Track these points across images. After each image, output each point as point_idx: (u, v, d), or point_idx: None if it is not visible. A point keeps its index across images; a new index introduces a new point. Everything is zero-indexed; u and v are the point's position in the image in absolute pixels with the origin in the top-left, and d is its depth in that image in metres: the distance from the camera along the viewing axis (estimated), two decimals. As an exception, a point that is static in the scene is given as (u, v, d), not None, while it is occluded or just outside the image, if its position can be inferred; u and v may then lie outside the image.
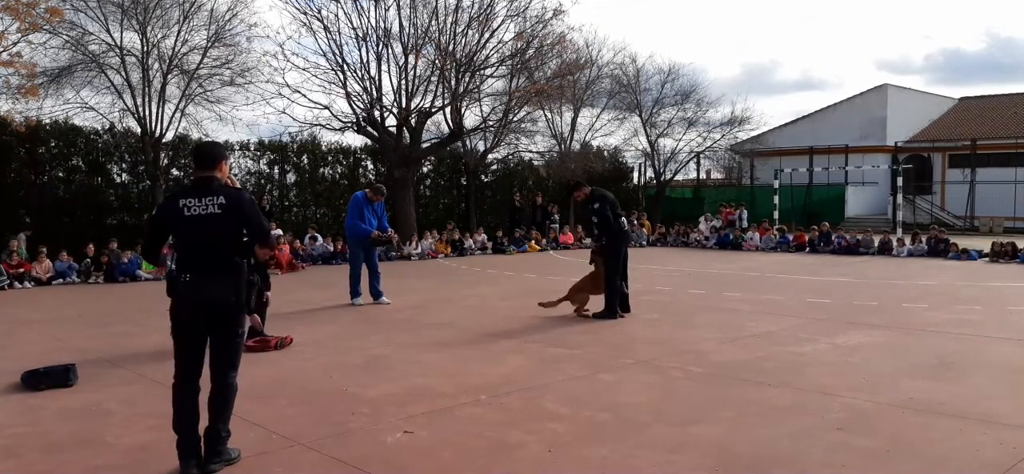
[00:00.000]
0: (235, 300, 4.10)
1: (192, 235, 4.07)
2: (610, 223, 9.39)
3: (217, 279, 4.06)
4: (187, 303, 4.08)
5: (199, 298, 4.06)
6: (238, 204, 4.12)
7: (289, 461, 4.32)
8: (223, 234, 4.09)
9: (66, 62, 17.91)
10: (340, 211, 23.91)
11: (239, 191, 4.23)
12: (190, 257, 4.10)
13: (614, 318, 9.14)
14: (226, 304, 4.07)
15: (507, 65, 23.02)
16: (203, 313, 4.08)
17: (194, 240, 4.08)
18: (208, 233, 4.06)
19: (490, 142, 25.46)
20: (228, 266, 4.09)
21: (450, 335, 8.33)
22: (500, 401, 5.51)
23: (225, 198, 4.10)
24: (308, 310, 10.60)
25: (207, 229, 4.05)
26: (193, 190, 4.14)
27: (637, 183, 33.61)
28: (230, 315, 4.12)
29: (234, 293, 4.08)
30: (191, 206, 4.06)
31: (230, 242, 4.12)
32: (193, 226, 4.05)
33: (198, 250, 4.09)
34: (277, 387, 6.00)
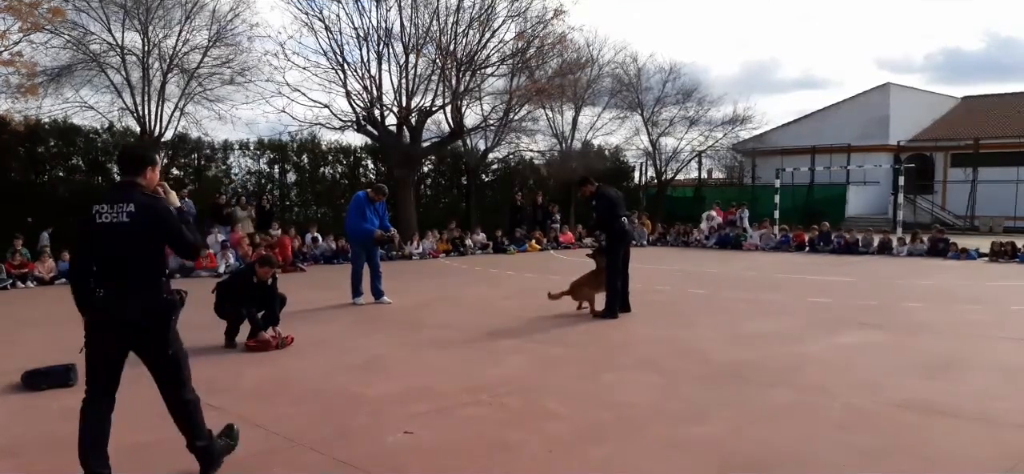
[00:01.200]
0: (147, 320, 3.75)
1: (102, 245, 3.72)
2: (610, 222, 9.39)
3: (129, 295, 3.71)
4: (100, 319, 3.75)
5: (111, 315, 3.73)
6: (149, 213, 3.72)
7: (290, 461, 4.32)
8: (132, 246, 3.70)
9: (66, 61, 17.91)
10: (341, 211, 23.90)
11: (153, 199, 3.81)
12: (101, 269, 3.76)
13: (614, 318, 9.14)
14: (139, 323, 3.75)
15: (508, 64, 23.03)
16: (116, 331, 3.76)
17: (104, 251, 3.73)
18: (117, 244, 3.69)
19: (491, 141, 25.46)
20: (140, 282, 3.74)
21: (451, 335, 8.34)
22: (501, 401, 5.51)
23: (135, 206, 3.70)
24: (309, 310, 10.59)
25: (115, 240, 3.69)
26: (107, 195, 3.80)
27: (638, 182, 33.60)
28: (150, 335, 3.80)
29: (144, 313, 3.74)
30: (103, 213, 3.71)
31: (142, 255, 3.74)
32: (103, 235, 3.70)
33: (108, 262, 3.74)
34: (278, 387, 6.01)
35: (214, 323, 7.95)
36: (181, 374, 4.00)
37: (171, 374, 3.96)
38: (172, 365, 3.94)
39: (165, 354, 3.88)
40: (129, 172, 3.87)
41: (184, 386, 4.01)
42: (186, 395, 4.01)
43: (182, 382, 4.00)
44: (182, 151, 20.95)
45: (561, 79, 24.43)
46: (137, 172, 3.85)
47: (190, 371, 4.06)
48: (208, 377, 6.28)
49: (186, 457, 4.39)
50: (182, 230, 3.81)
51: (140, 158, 3.91)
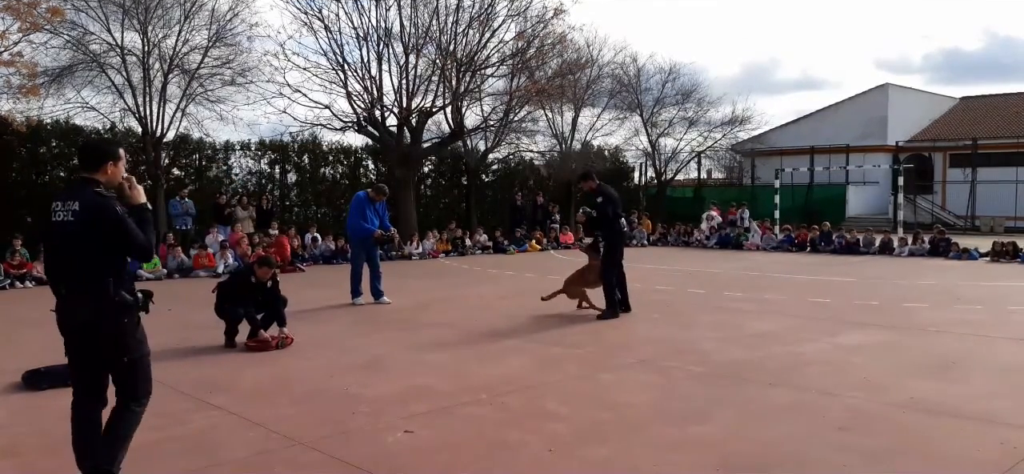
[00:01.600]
0: (99, 323, 3.58)
1: (55, 244, 3.62)
2: (611, 222, 9.40)
3: (78, 298, 3.58)
4: (59, 321, 3.66)
5: (66, 317, 3.63)
6: (95, 213, 3.52)
7: (290, 460, 4.32)
8: (78, 246, 3.54)
9: (67, 62, 17.91)
10: (341, 211, 23.91)
11: (100, 198, 3.58)
12: (57, 269, 3.68)
13: (615, 317, 9.14)
14: (89, 327, 3.59)
15: (508, 65, 23.02)
16: (76, 333, 3.64)
17: (57, 251, 3.63)
18: (65, 244, 3.56)
19: (491, 142, 25.47)
20: (88, 284, 3.56)
21: (451, 335, 8.33)
22: (501, 401, 5.51)
23: (80, 205, 3.54)
24: (309, 310, 10.58)
25: (64, 239, 3.56)
26: (61, 192, 3.69)
27: (638, 183, 33.61)
28: (103, 339, 3.62)
29: (95, 315, 3.56)
30: (57, 211, 3.58)
31: (88, 256, 3.55)
32: (55, 234, 3.58)
33: (60, 262, 3.64)
34: (278, 387, 6.01)
35: (214, 323, 7.95)
36: (138, 385, 3.77)
37: (126, 383, 3.74)
38: (127, 372, 3.72)
39: (120, 360, 3.67)
40: (88, 168, 3.67)
41: (138, 399, 3.78)
42: (135, 408, 3.78)
43: (136, 395, 3.77)
44: (183, 152, 20.96)
45: (561, 79, 24.43)
46: (96, 168, 3.66)
47: (149, 389, 3.84)
48: (209, 377, 6.29)
49: (195, 457, 4.40)
50: (129, 230, 3.57)
51: (99, 153, 3.72)
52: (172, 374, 6.40)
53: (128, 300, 3.65)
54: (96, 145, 3.93)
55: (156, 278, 15.80)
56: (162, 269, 16.30)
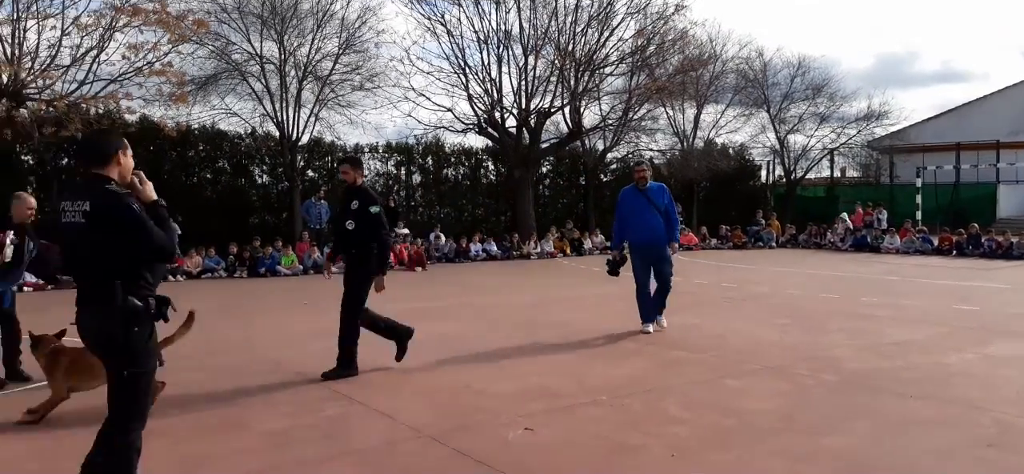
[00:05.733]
0: (109, 332, 3.24)
1: (66, 246, 3.34)
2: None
3: (89, 304, 3.30)
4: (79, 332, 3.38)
5: (81, 327, 3.34)
6: (107, 211, 3.21)
7: (415, 451, 4.46)
8: (89, 249, 3.25)
9: (212, 71, 19.31)
10: (462, 211, 24.49)
11: (113, 196, 3.25)
12: (70, 271, 3.41)
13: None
14: (99, 336, 3.30)
15: (627, 63, 22.79)
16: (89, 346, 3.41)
17: (68, 252, 3.35)
18: (76, 245, 3.28)
19: (609, 141, 25.27)
20: (99, 289, 3.24)
21: (570, 334, 8.34)
22: (621, 402, 5.46)
23: (90, 204, 3.21)
24: (431, 306, 10.89)
25: (74, 240, 3.27)
26: (70, 191, 3.36)
27: (765, 181, 32.35)
28: (109, 352, 3.30)
29: (105, 322, 3.24)
30: (66, 210, 3.27)
31: (99, 259, 3.25)
32: (66, 235, 3.30)
33: (72, 264, 3.35)
34: (403, 380, 6.21)
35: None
36: (130, 407, 3.29)
37: (119, 399, 3.29)
38: (123, 388, 3.28)
39: (119, 372, 3.28)
40: (96, 163, 3.34)
41: (123, 427, 3.27)
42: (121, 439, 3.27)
43: (126, 417, 3.28)
44: (317, 155, 22.07)
45: (682, 76, 23.92)
46: (105, 162, 3.34)
47: (141, 415, 3.34)
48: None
49: (326, 444, 4.63)
50: (145, 230, 3.24)
51: (107, 145, 3.38)
52: (304, 364, 6.77)
53: (137, 306, 3.25)
54: (100, 137, 3.54)
55: (293, 274, 16.76)
56: (299, 266, 17.26)
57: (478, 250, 20.41)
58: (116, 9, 15.48)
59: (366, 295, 6.57)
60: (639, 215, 8.19)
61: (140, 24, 15.74)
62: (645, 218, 8.15)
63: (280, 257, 17.01)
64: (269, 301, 12.07)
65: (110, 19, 15.47)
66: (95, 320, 3.26)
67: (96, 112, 16.08)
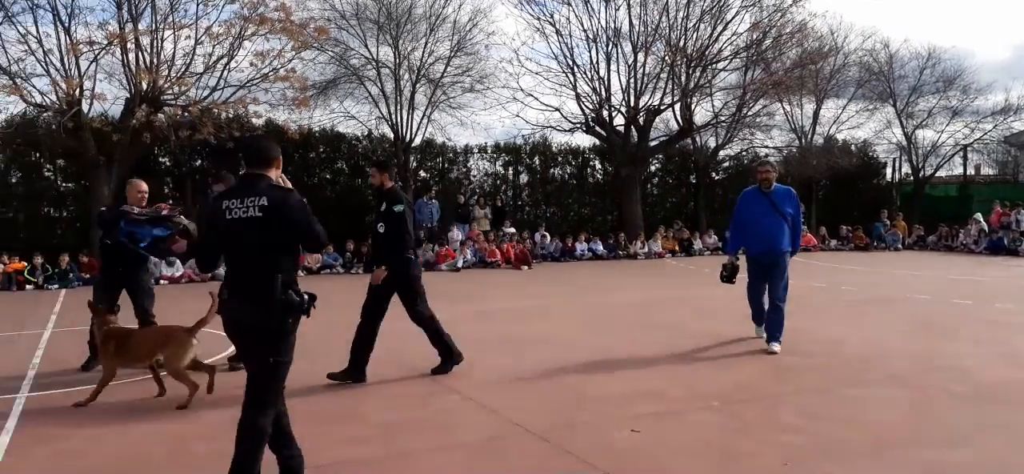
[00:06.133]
0: (266, 323, 3.50)
1: (231, 242, 3.57)
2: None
3: (249, 296, 3.52)
4: (227, 323, 3.64)
5: (232, 319, 3.60)
6: (283, 207, 3.51)
7: (521, 448, 4.51)
8: (262, 242, 3.51)
9: (331, 76, 20.22)
10: (568, 210, 24.48)
11: (286, 192, 3.61)
12: (230, 267, 3.65)
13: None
14: (255, 327, 3.53)
15: (741, 57, 22.15)
16: (232, 331, 3.64)
17: (233, 247, 3.58)
18: (247, 239, 3.51)
19: (722, 138, 24.61)
20: (262, 281, 3.49)
21: (679, 337, 8.18)
22: (732, 408, 5.32)
23: (268, 200, 3.50)
24: (537, 306, 10.96)
25: (246, 235, 3.50)
26: (238, 190, 3.60)
27: (890, 180, 30.57)
28: (260, 340, 3.52)
29: (264, 314, 3.49)
30: (233, 208, 3.52)
31: (269, 252, 3.52)
32: (232, 231, 3.53)
33: (236, 258, 3.61)
34: (509, 377, 6.29)
35: (456, 313, 8.46)
36: (268, 393, 3.56)
37: (258, 390, 3.55)
38: (265, 379, 3.55)
39: (266, 360, 3.53)
40: (257, 165, 3.65)
41: (263, 409, 3.54)
42: (260, 420, 3.54)
43: (263, 403, 3.54)
44: (429, 155, 22.66)
45: (800, 70, 22.99)
46: (268, 164, 3.66)
47: (277, 402, 3.64)
48: (448, 364, 6.74)
49: (435, 436, 4.75)
50: (312, 225, 3.58)
51: (269, 153, 3.70)
52: (414, 358, 6.96)
53: (294, 301, 3.54)
54: (266, 143, 3.81)
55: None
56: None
57: (584, 249, 20.36)
58: (245, 19, 16.47)
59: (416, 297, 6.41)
60: (759, 221, 7.32)
61: (266, 32, 16.69)
62: (765, 224, 7.27)
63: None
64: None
65: (239, 28, 16.48)
66: (253, 310, 3.50)
67: (226, 116, 17.17)
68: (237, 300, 3.56)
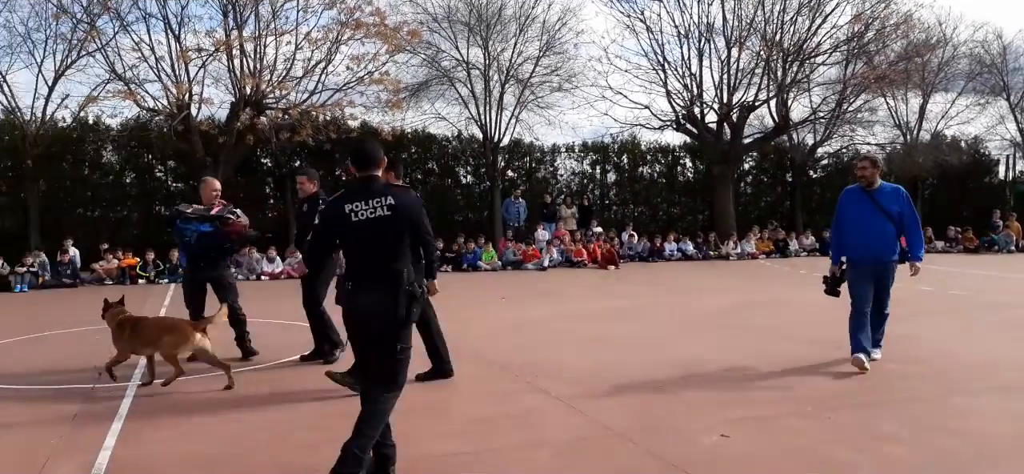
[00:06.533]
0: (394, 312, 3.74)
1: (359, 240, 3.78)
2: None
3: (377, 288, 3.75)
4: (351, 312, 3.83)
5: (359, 308, 3.79)
6: (408, 205, 3.84)
7: (606, 449, 4.50)
8: (389, 238, 3.78)
9: (424, 77, 20.68)
10: (657, 210, 24.16)
11: (406, 190, 3.93)
12: (354, 264, 3.84)
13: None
14: (384, 315, 3.75)
15: (842, 51, 21.37)
16: (362, 324, 3.83)
17: (360, 246, 3.79)
18: (375, 238, 3.76)
19: (820, 135, 23.75)
20: (390, 275, 3.75)
21: (772, 340, 7.97)
22: (828, 415, 5.14)
23: (394, 199, 3.79)
24: (626, 306, 10.88)
25: (374, 234, 3.76)
26: (358, 192, 3.82)
27: (1004, 178, 28.72)
28: (388, 328, 3.77)
29: (393, 304, 3.73)
30: (359, 210, 3.76)
31: (395, 247, 3.79)
32: (359, 231, 3.76)
33: (362, 256, 3.81)
34: (597, 377, 6.27)
35: (545, 312, 8.52)
36: (398, 374, 3.84)
37: (388, 372, 3.81)
38: (395, 363, 3.82)
39: (394, 347, 3.79)
40: (371, 167, 3.88)
41: (392, 389, 3.81)
42: (387, 400, 3.80)
43: (392, 384, 3.82)
44: (516, 155, 22.83)
45: (905, 63, 21.97)
46: (378, 167, 3.91)
47: (403, 382, 3.91)
48: (536, 361, 6.80)
49: (523, 433, 4.81)
50: (426, 222, 3.91)
51: (379, 154, 3.95)
52: (503, 356, 7.06)
53: (417, 291, 3.80)
54: (374, 145, 4.03)
55: (492, 270, 17.48)
56: (498, 261, 17.98)
57: (673, 250, 20.05)
58: (341, 24, 17.06)
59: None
60: (861, 223, 6.46)
61: (362, 37, 17.24)
62: (869, 227, 6.40)
63: (481, 253, 17.80)
64: (470, 294, 12.67)
65: (336, 33, 17.09)
66: (383, 301, 3.73)
67: (323, 119, 17.83)
68: (366, 293, 3.76)
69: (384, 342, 3.78)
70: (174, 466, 4.28)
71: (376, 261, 3.79)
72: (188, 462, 4.34)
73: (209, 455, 4.46)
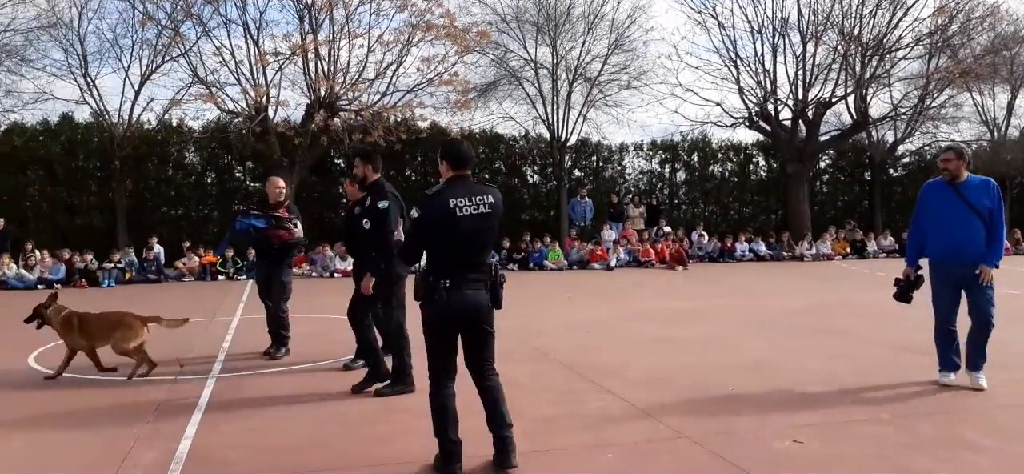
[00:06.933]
0: (490, 303, 3.99)
1: (465, 236, 3.87)
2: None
3: (479, 282, 3.93)
4: (451, 309, 3.89)
5: (462, 304, 3.89)
6: (500, 202, 4.04)
7: (675, 451, 4.45)
8: (488, 235, 3.97)
9: (492, 78, 20.79)
10: (729, 210, 23.66)
11: (496, 189, 4.10)
12: (453, 260, 3.90)
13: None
14: (486, 307, 3.97)
15: (924, 44, 20.51)
16: (466, 317, 3.95)
17: (465, 242, 3.89)
18: (480, 233, 3.92)
19: (902, 132, 22.85)
20: (486, 267, 3.99)
21: (847, 344, 7.72)
22: (905, 422, 4.95)
23: (492, 196, 3.98)
24: (695, 307, 10.72)
25: (479, 229, 3.91)
26: (460, 189, 3.93)
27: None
28: (489, 316, 4.01)
29: (490, 295, 3.98)
30: (464, 207, 3.87)
31: (492, 242, 4.07)
32: (463, 227, 3.85)
33: (467, 252, 3.91)
34: (664, 379, 6.20)
35: (610, 314, 8.48)
36: (492, 354, 4.10)
37: (491, 352, 4.09)
38: (491, 341, 4.07)
39: (491, 333, 4.05)
40: (466, 166, 4.04)
41: (492, 363, 4.10)
42: (496, 377, 4.11)
43: (492, 359, 4.10)
44: (583, 154, 22.72)
45: (992, 57, 20.94)
46: (471, 166, 4.08)
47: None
48: (602, 363, 6.77)
49: (589, 433, 4.79)
50: None
51: (471, 154, 4.18)
52: (569, 356, 7.05)
53: (503, 279, 4.05)
54: (468, 146, 4.23)
55: (558, 269, 17.46)
56: (564, 261, 17.96)
57: (744, 250, 19.62)
58: (412, 26, 17.34)
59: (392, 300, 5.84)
60: (945, 220, 5.75)
61: (432, 39, 17.48)
62: (954, 225, 5.68)
63: (547, 252, 17.80)
64: (536, 293, 12.69)
65: (407, 35, 17.37)
66: (483, 291, 3.95)
67: (394, 120, 18.14)
68: (470, 289, 3.90)
69: (484, 332, 4.00)
70: (249, 456, 4.44)
71: (477, 256, 3.94)
72: (263, 452, 4.49)
73: (282, 446, 4.61)
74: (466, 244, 3.88)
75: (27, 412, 5.43)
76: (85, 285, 15.07)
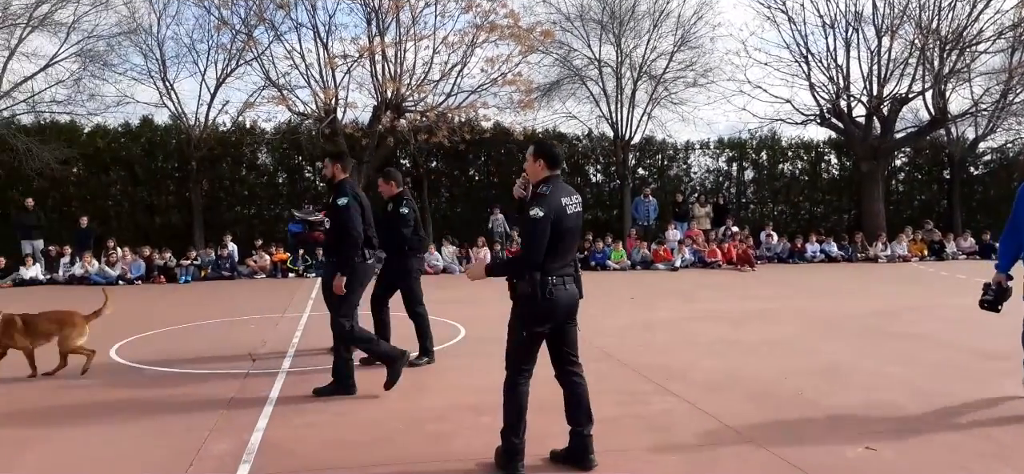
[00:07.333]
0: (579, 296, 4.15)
1: (566, 232, 4.03)
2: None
3: (573, 275, 4.11)
4: (557, 302, 3.99)
5: (568, 296, 4.05)
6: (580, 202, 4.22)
7: (739, 456, 4.36)
8: (579, 231, 4.20)
9: (555, 77, 20.76)
10: (799, 209, 23.04)
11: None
12: (558, 254, 4.01)
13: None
14: (577, 299, 4.13)
15: (1007, 38, 19.56)
16: (569, 311, 4.10)
17: (566, 237, 4.05)
18: (575, 231, 4.12)
19: (983, 129, 21.84)
20: (576, 261, 4.21)
21: (923, 348, 7.43)
22: (986, 430, 4.74)
23: (578, 196, 4.20)
24: (763, 308, 10.48)
25: (576, 227, 4.11)
26: (563, 188, 4.11)
27: None
28: (576, 310, 4.16)
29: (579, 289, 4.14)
30: (570, 205, 4.07)
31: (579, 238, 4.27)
32: (569, 224, 4.04)
33: (566, 247, 4.06)
34: (730, 382, 6.09)
35: (675, 316, 8.37)
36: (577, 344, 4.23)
37: (576, 346, 4.21)
38: (577, 338, 4.22)
39: (576, 327, 4.20)
40: (558, 166, 4.15)
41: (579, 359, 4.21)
42: (581, 368, 4.23)
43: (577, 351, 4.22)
44: (648, 153, 22.48)
45: (1085, 49, 19.77)
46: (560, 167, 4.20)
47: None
48: (667, 364, 6.70)
49: (652, 435, 4.75)
50: None
51: (562, 155, 4.26)
52: (631, 356, 6.99)
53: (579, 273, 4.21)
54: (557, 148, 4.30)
55: (621, 269, 17.33)
56: (627, 261, 17.80)
57: (815, 250, 19.08)
58: (477, 27, 17.47)
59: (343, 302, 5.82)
60: None
61: (496, 39, 17.58)
62: None
63: (610, 252, 17.68)
64: (598, 293, 12.62)
65: (472, 36, 17.51)
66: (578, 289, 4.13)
67: (459, 120, 18.32)
68: (571, 281, 4.07)
69: (574, 323, 4.17)
70: (317, 449, 4.56)
71: (573, 252, 4.16)
72: (329, 446, 4.61)
73: (348, 441, 4.72)
74: (570, 241, 4.09)
75: (108, 403, 5.70)
76: (163, 281, 15.72)
